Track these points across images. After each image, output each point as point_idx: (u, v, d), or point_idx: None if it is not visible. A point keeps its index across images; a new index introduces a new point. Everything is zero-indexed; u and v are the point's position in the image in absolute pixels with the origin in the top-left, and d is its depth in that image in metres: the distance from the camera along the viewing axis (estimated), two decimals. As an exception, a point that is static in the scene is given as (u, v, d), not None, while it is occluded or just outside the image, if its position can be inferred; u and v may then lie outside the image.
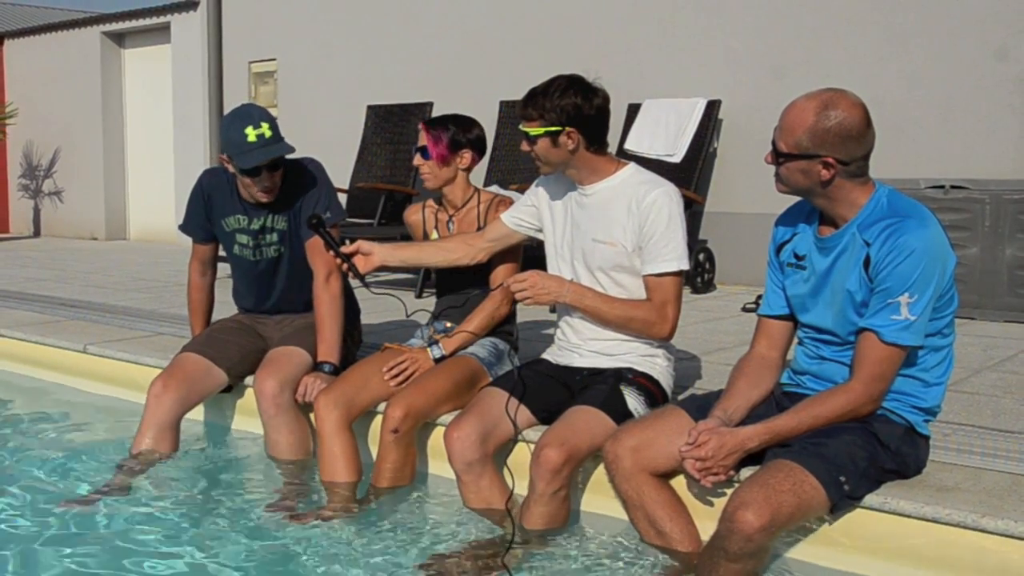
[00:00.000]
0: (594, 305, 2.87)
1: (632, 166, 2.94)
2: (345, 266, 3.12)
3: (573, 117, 2.77)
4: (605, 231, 2.87)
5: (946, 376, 2.50)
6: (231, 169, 3.41)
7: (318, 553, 2.69)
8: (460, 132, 3.31)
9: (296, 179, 3.51)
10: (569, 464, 2.66)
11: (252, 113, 3.35)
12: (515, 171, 7.08)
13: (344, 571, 2.58)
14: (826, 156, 2.34)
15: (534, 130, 2.80)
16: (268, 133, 3.30)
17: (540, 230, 3.09)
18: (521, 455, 2.84)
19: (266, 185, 3.39)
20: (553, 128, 2.78)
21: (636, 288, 2.89)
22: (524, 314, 3.60)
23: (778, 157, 2.41)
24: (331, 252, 3.15)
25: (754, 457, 2.43)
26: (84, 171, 12.09)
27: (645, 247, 2.83)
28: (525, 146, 2.86)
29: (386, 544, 2.76)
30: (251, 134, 3.27)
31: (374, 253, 3.14)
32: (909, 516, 2.36)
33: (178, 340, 4.28)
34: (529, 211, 3.11)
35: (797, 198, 2.56)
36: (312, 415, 3.24)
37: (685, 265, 2.84)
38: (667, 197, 2.83)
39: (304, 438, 3.39)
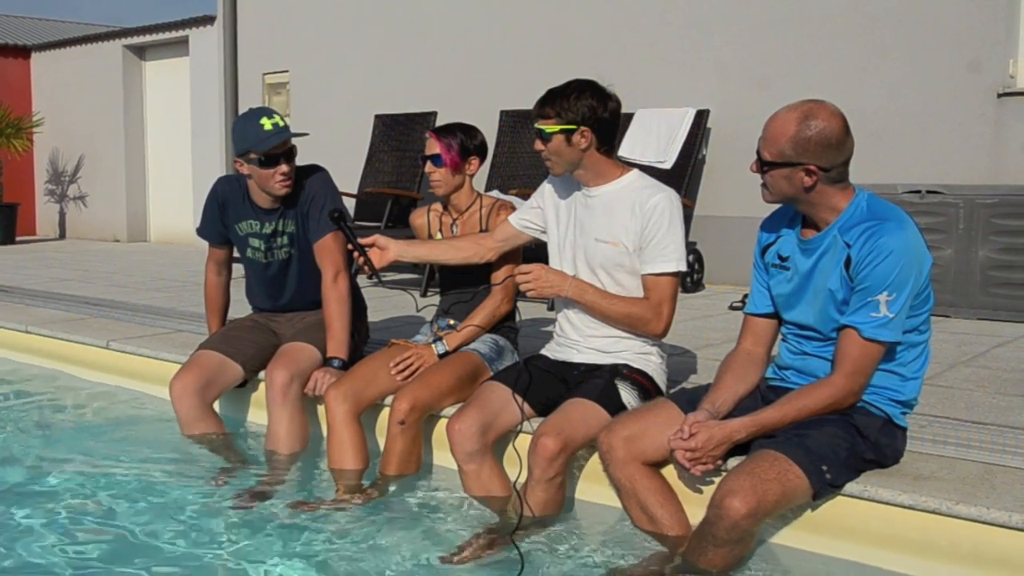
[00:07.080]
0: (594, 300, 2.87)
1: (635, 172, 2.93)
2: (362, 259, 3.12)
3: (588, 117, 2.77)
4: (608, 231, 2.87)
5: (922, 371, 2.50)
6: (245, 170, 3.41)
7: (328, 536, 2.69)
8: (468, 139, 3.29)
9: (303, 184, 3.51)
10: (565, 452, 2.66)
11: (264, 109, 3.41)
12: (515, 177, 7.08)
13: (353, 553, 2.58)
14: (808, 163, 2.34)
15: (550, 127, 2.80)
16: (282, 123, 3.37)
17: (545, 231, 3.09)
18: (526, 443, 2.84)
19: (284, 171, 3.39)
20: (569, 126, 2.77)
21: (634, 287, 2.89)
22: (524, 312, 3.60)
23: (763, 166, 2.42)
24: (350, 245, 3.15)
25: (741, 447, 2.44)
26: (107, 177, 12.09)
27: (646, 248, 2.83)
28: (538, 144, 2.85)
29: (393, 527, 2.76)
30: (267, 123, 3.33)
31: (390, 248, 3.16)
32: (887, 503, 2.36)
33: (196, 336, 4.28)
34: (535, 212, 3.10)
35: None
36: (321, 408, 3.24)
37: (683, 266, 2.83)
38: (669, 201, 2.83)
39: (303, 431, 3.37)
